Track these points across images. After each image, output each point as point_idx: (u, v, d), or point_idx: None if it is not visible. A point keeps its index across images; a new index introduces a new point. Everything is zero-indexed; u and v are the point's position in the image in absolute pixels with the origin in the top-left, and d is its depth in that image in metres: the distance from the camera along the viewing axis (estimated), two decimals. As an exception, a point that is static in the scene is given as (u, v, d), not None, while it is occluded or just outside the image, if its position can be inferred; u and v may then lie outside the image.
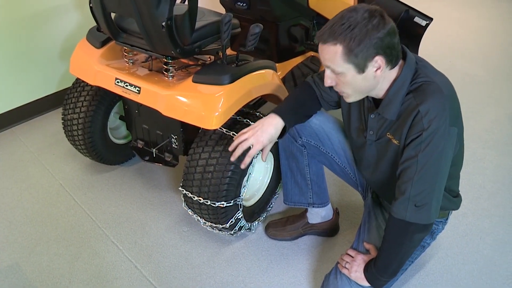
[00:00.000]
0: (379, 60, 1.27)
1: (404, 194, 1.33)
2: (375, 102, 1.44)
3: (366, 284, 1.50)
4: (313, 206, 1.89)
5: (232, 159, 1.57)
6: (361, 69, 1.28)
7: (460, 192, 1.63)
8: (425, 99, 1.28)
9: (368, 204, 1.74)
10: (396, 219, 1.36)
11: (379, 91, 1.38)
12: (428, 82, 1.31)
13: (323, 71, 1.66)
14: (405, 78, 1.33)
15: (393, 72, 1.34)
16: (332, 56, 1.28)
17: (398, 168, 1.37)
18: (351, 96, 1.39)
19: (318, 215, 1.94)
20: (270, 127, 1.54)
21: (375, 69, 1.29)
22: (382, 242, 1.44)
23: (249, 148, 1.53)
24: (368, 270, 1.50)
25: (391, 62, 1.30)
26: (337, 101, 1.64)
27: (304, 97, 1.65)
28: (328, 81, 1.37)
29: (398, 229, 1.38)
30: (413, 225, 1.35)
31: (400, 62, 1.35)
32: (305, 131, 1.70)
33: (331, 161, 1.76)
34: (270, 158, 2.00)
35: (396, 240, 1.40)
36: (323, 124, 1.68)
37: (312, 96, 1.66)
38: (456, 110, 1.35)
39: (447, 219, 1.65)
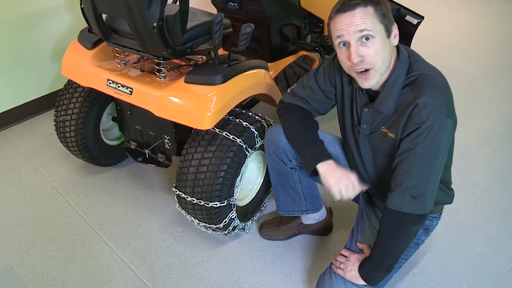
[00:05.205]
0: (394, 26, 1.34)
1: (401, 185, 1.34)
2: (369, 96, 1.45)
3: (362, 282, 1.50)
4: (307, 213, 1.88)
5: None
6: (388, 31, 1.31)
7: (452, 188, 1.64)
8: (423, 92, 1.29)
9: (361, 205, 1.74)
10: (392, 211, 1.37)
11: (381, 80, 1.37)
12: (424, 75, 1.33)
13: (299, 82, 1.64)
14: (400, 71, 1.35)
15: (394, 57, 1.36)
16: (365, 18, 1.27)
17: (394, 160, 1.38)
18: (377, 71, 1.32)
19: (312, 217, 1.94)
20: (335, 168, 1.48)
21: (394, 35, 1.34)
22: (377, 236, 1.45)
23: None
24: (363, 268, 1.50)
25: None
26: (325, 106, 1.64)
27: (306, 123, 1.62)
28: (356, 56, 1.29)
29: (394, 220, 1.39)
30: (409, 216, 1.36)
31: (394, 56, 1.37)
32: (294, 154, 1.66)
33: None
34: (264, 158, 2.00)
35: (392, 232, 1.41)
36: None
37: (310, 117, 1.63)
38: (451, 101, 1.36)
39: (440, 214, 1.66)
